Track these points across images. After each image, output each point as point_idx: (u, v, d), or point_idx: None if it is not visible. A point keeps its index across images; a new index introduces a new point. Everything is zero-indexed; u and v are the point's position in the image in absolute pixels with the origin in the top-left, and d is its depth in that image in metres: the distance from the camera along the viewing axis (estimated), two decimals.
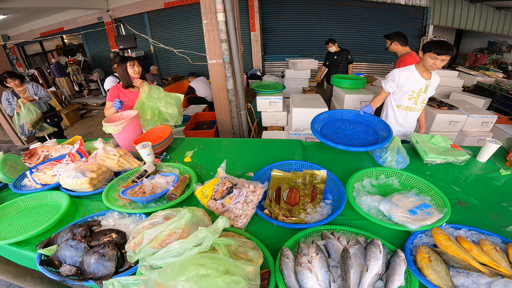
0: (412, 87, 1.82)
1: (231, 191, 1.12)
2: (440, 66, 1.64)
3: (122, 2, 7.25)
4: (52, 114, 3.38)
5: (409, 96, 1.86)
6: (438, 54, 1.60)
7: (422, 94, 1.84)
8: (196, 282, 0.65)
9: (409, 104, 1.89)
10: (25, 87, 3.14)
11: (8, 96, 3.07)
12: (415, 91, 1.83)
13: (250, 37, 7.26)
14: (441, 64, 1.63)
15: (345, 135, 1.57)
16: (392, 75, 1.85)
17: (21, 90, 3.12)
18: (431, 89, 1.84)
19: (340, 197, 1.16)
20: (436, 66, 1.65)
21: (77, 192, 1.35)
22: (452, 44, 1.63)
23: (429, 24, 6.76)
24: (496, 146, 1.43)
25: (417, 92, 1.83)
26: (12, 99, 3.07)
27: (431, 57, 1.64)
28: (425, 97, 1.87)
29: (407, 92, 1.85)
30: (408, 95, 1.85)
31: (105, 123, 1.67)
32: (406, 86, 1.82)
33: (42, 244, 1.00)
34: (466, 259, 0.82)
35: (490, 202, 1.17)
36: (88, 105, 6.83)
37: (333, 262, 0.83)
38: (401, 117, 1.97)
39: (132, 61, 2.05)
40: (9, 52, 8.02)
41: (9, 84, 2.99)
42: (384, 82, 1.92)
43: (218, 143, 1.91)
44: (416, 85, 1.81)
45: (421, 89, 1.82)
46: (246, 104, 3.43)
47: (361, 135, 1.61)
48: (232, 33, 2.74)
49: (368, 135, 1.61)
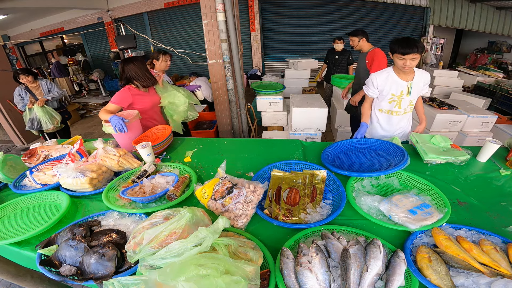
0: (391, 90, 1.71)
1: (231, 191, 1.12)
2: (412, 65, 1.53)
3: (122, 2, 7.25)
4: (63, 110, 3.40)
5: (389, 100, 1.76)
6: (403, 54, 1.51)
7: (405, 97, 1.72)
8: (196, 282, 0.65)
9: (391, 107, 1.79)
10: (38, 84, 3.16)
11: (21, 92, 3.11)
12: (395, 94, 1.72)
13: (250, 37, 7.26)
14: (411, 63, 1.52)
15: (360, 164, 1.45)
16: (369, 80, 1.78)
17: (35, 87, 3.15)
18: (417, 90, 1.72)
19: (340, 197, 1.16)
20: (408, 67, 1.54)
21: (77, 192, 1.35)
22: (417, 39, 1.51)
23: (429, 24, 6.76)
24: (496, 146, 1.43)
25: (397, 95, 1.72)
26: (25, 95, 3.11)
27: (399, 58, 1.54)
28: (412, 99, 1.75)
29: (386, 96, 1.75)
30: (388, 98, 1.76)
31: (105, 123, 1.67)
32: (385, 89, 1.73)
33: (42, 244, 1.00)
34: (466, 259, 0.82)
35: (490, 202, 1.17)
36: (88, 105, 6.83)
37: (333, 262, 0.83)
38: (383, 121, 1.88)
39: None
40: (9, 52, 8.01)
41: (22, 80, 3.03)
42: (365, 89, 1.84)
43: (218, 143, 1.91)
44: (395, 88, 1.70)
45: (402, 92, 1.70)
46: (246, 104, 3.43)
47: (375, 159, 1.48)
48: (232, 33, 2.74)
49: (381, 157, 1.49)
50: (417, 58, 1.51)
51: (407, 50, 1.49)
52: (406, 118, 1.87)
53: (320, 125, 3.03)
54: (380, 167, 1.38)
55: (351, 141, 1.64)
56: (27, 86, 3.10)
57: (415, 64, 1.54)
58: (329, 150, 1.59)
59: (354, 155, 1.56)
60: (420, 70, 1.72)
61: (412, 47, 1.47)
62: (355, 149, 1.61)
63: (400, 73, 1.68)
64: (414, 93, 1.72)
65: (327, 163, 1.41)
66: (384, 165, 1.39)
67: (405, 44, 1.49)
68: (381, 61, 2.54)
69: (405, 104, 1.77)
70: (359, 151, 1.59)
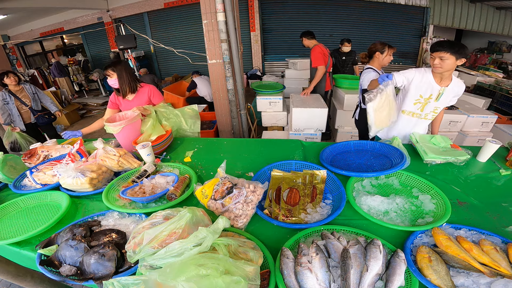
0: (421, 91, 1.66)
1: (231, 191, 1.12)
2: (442, 65, 1.49)
3: (122, 2, 7.25)
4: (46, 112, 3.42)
5: (416, 101, 1.70)
6: (432, 51, 1.50)
7: (432, 102, 1.66)
8: (196, 282, 0.65)
9: (413, 109, 1.73)
10: (22, 87, 3.17)
11: (5, 96, 3.08)
12: (423, 96, 1.67)
13: (250, 37, 7.25)
14: (440, 62, 1.49)
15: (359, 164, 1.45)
16: (408, 72, 1.68)
17: (18, 90, 3.14)
18: (447, 98, 1.65)
19: (340, 197, 1.16)
20: (438, 66, 1.50)
21: (77, 192, 1.35)
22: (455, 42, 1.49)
23: (429, 24, 6.75)
24: (496, 146, 1.43)
25: (425, 97, 1.66)
26: (9, 99, 3.09)
27: (431, 57, 1.53)
28: (437, 106, 1.69)
29: (414, 96, 1.69)
30: (415, 99, 1.69)
31: (106, 123, 1.67)
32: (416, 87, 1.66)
33: (42, 244, 1.00)
34: (466, 259, 0.82)
35: (490, 202, 1.17)
36: (88, 105, 6.83)
37: (333, 262, 0.83)
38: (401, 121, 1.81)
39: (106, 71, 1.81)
40: (9, 52, 8.02)
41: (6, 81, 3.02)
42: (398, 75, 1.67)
43: (218, 143, 1.91)
44: (425, 88, 1.64)
45: (431, 96, 1.64)
46: (246, 104, 3.43)
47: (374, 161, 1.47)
48: (232, 33, 2.74)
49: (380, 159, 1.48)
50: (446, 58, 1.46)
51: (436, 48, 1.48)
52: (423, 123, 1.79)
53: (320, 125, 3.03)
54: (379, 168, 1.39)
55: (350, 143, 1.64)
56: (10, 90, 3.10)
57: (446, 66, 1.49)
58: (328, 150, 1.59)
59: (353, 156, 1.56)
60: (459, 81, 1.64)
61: (442, 45, 1.46)
62: (354, 151, 1.61)
63: (436, 76, 1.61)
64: (442, 101, 1.66)
65: (325, 163, 1.41)
66: (383, 166, 1.39)
67: (437, 43, 1.50)
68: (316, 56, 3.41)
69: (428, 109, 1.71)
70: (358, 153, 1.59)
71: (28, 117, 3.28)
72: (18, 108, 3.16)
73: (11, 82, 3.05)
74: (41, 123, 3.39)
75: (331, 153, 1.59)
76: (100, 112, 6.53)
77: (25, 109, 3.22)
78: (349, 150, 1.63)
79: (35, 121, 3.33)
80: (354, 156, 1.55)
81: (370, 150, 1.59)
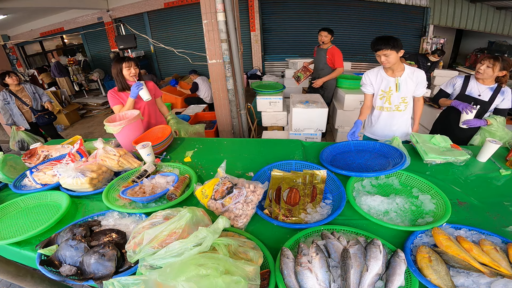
0: (381, 87, 1.82)
1: (231, 191, 1.12)
2: (388, 61, 1.63)
3: (122, 2, 7.24)
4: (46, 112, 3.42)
5: (380, 96, 1.85)
6: (375, 50, 1.62)
7: (394, 93, 1.79)
8: (196, 282, 0.65)
9: (382, 103, 1.88)
10: (22, 87, 3.18)
11: (6, 96, 3.10)
12: (384, 90, 1.82)
13: (250, 37, 7.25)
14: (387, 59, 1.63)
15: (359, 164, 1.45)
16: (363, 78, 1.89)
17: (19, 90, 3.15)
18: (407, 87, 1.76)
19: (340, 197, 1.16)
20: (386, 62, 1.65)
21: (77, 192, 1.35)
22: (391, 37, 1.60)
23: (429, 24, 6.76)
24: (496, 146, 1.43)
25: (386, 91, 1.81)
26: (10, 99, 3.11)
27: (376, 55, 1.65)
28: (403, 96, 1.80)
29: (377, 92, 1.85)
30: (379, 94, 1.85)
31: (106, 123, 1.67)
32: (376, 85, 1.83)
33: (42, 244, 1.00)
34: (466, 259, 0.82)
35: (490, 202, 1.17)
36: (88, 105, 6.82)
37: (333, 262, 0.83)
38: (375, 118, 1.97)
39: (128, 62, 1.88)
40: (9, 52, 8.01)
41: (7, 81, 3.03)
42: (362, 87, 1.93)
43: (218, 143, 1.91)
44: (384, 84, 1.80)
45: (391, 88, 1.79)
46: (246, 104, 3.43)
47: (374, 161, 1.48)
48: (232, 33, 2.74)
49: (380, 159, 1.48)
50: (390, 54, 1.60)
51: (377, 47, 1.60)
52: (400, 116, 1.89)
53: (320, 125, 3.03)
54: (379, 168, 1.39)
55: (350, 143, 1.64)
56: (11, 90, 3.12)
57: (392, 60, 1.63)
58: (328, 150, 1.59)
59: (353, 156, 1.57)
60: (412, 68, 1.77)
61: (381, 44, 1.58)
62: (354, 151, 1.61)
63: (388, 70, 1.78)
64: (403, 90, 1.78)
65: (325, 163, 1.41)
66: (383, 166, 1.39)
67: (377, 41, 1.61)
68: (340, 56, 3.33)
69: (396, 100, 1.83)
70: (358, 153, 1.59)
71: (29, 117, 3.29)
72: (19, 108, 3.17)
73: (13, 82, 3.06)
74: (42, 123, 3.40)
75: (331, 153, 1.59)
76: (100, 112, 6.53)
77: (26, 108, 3.23)
78: (349, 150, 1.63)
79: (35, 121, 3.34)
80: (354, 156, 1.56)
81: (370, 150, 1.59)
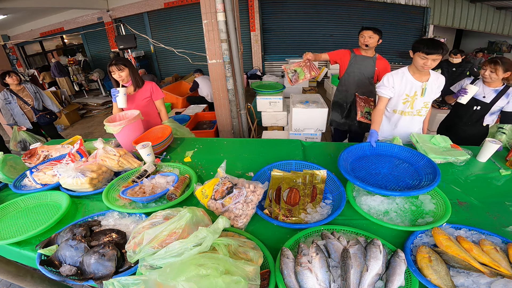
0: (406, 90, 1.72)
1: (231, 191, 1.12)
2: (432, 66, 1.56)
3: (122, 2, 7.25)
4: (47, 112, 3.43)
5: (404, 100, 1.76)
6: (427, 53, 1.52)
7: (419, 98, 1.72)
8: (196, 282, 0.65)
9: (404, 108, 1.79)
10: (23, 87, 3.18)
11: (7, 95, 3.09)
12: (409, 95, 1.73)
13: (250, 37, 7.26)
14: (432, 64, 1.55)
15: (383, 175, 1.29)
16: (384, 80, 1.75)
17: (20, 89, 3.15)
18: (431, 92, 1.71)
19: (340, 197, 1.16)
20: (427, 67, 1.56)
21: (77, 192, 1.35)
22: (442, 42, 1.54)
23: (429, 24, 6.76)
24: (496, 146, 1.43)
25: (411, 95, 1.73)
26: (11, 98, 3.10)
27: (421, 57, 1.56)
28: (426, 101, 1.74)
29: (401, 96, 1.75)
30: (402, 99, 1.76)
31: (106, 123, 1.67)
32: (400, 89, 1.73)
33: (42, 244, 1.00)
34: (466, 259, 0.82)
35: (490, 202, 1.17)
36: (88, 105, 6.83)
37: (333, 262, 0.83)
38: (394, 122, 1.88)
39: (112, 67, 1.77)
40: (9, 52, 8.02)
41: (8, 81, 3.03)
42: (380, 90, 1.76)
43: (218, 143, 1.91)
44: (409, 88, 1.70)
45: (416, 92, 1.70)
46: (246, 104, 3.43)
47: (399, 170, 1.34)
48: (232, 33, 2.74)
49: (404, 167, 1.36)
50: (438, 59, 1.54)
51: (433, 50, 1.50)
52: (419, 121, 1.85)
53: (320, 125, 3.04)
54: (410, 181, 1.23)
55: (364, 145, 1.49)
56: (12, 90, 3.12)
57: (435, 65, 1.56)
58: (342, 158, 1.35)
59: (372, 162, 1.41)
60: (435, 73, 1.71)
61: (437, 48, 1.50)
62: (370, 155, 1.48)
63: (416, 73, 1.68)
64: (428, 95, 1.72)
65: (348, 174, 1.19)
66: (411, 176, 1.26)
67: (431, 44, 1.51)
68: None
69: (418, 105, 1.76)
70: (376, 157, 1.46)
71: (31, 116, 3.29)
72: (21, 107, 3.16)
73: (13, 82, 3.06)
74: (42, 123, 3.39)
75: (346, 160, 1.38)
76: (100, 112, 6.53)
77: (28, 108, 3.22)
78: (364, 155, 1.49)
79: (36, 121, 3.34)
80: (374, 163, 1.40)
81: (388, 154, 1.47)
